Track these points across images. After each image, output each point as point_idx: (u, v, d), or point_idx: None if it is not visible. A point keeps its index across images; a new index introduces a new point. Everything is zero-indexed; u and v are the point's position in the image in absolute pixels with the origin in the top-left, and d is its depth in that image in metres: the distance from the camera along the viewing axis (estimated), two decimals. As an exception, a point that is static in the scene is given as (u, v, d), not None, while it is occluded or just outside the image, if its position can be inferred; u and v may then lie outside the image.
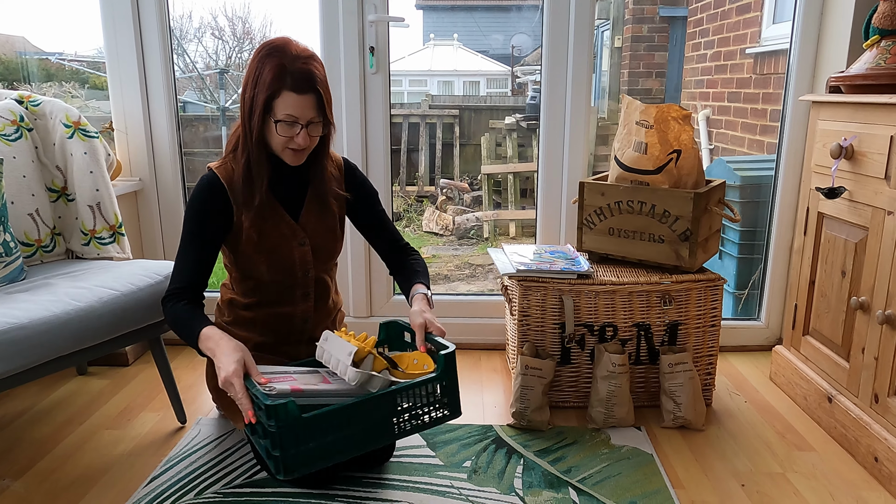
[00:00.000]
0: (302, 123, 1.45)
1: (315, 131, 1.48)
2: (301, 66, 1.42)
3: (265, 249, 1.56)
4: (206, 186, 1.53)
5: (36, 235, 1.84)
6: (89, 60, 4.82)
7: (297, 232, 1.59)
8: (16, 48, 4.38)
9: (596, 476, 1.58)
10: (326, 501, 1.48)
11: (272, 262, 1.57)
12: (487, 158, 6.05)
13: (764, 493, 1.52)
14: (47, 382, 2.08)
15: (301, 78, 1.41)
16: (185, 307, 1.47)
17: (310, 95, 1.43)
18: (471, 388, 2.06)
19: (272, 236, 1.56)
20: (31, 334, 1.39)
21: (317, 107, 1.45)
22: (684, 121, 1.84)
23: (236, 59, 7.31)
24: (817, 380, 1.84)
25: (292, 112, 1.43)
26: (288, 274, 1.60)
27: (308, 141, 1.47)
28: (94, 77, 4.81)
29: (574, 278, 1.83)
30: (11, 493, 1.52)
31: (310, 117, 1.45)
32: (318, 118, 1.46)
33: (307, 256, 1.61)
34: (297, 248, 1.59)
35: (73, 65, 4.66)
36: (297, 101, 1.42)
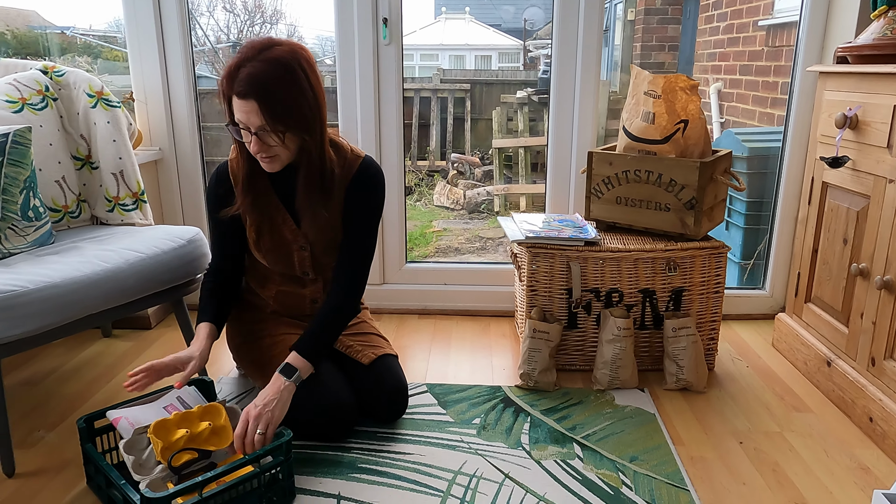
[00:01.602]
0: (252, 130, 1.37)
1: (269, 140, 1.38)
2: (249, 69, 1.32)
3: (263, 249, 1.61)
4: (214, 176, 1.61)
5: (63, 202, 1.91)
6: (101, 34, 4.86)
7: (298, 237, 1.60)
8: (28, 22, 4.43)
9: (600, 433, 1.65)
10: (343, 453, 1.56)
11: (271, 261, 1.63)
12: (498, 132, 6.06)
13: (761, 449, 1.59)
14: (73, 344, 2.17)
15: (244, 81, 1.32)
16: (209, 288, 1.63)
17: (251, 101, 1.33)
18: (480, 351, 2.13)
19: (271, 238, 1.59)
20: (63, 293, 1.46)
21: (262, 114, 1.33)
22: (692, 91, 1.87)
23: (248, 33, 7.32)
24: (817, 345, 1.90)
25: (240, 118, 1.36)
26: (289, 273, 1.66)
27: (261, 148, 1.38)
28: (107, 51, 4.85)
29: (581, 245, 1.88)
30: (46, 443, 1.62)
31: (256, 124, 1.35)
32: (267, 126, 1.35)
33: (306, 261, 1.63)
34: (298, 251, 1.62)
35: (86, 38, 4.70)
36: (241, 107, 1.34)
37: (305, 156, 1.46)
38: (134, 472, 1.30)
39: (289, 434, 1.38)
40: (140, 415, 1.44)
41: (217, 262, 1.66)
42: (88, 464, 1.42)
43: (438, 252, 4.50)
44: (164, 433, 1.35)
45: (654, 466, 1.52)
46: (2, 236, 1.65)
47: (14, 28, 4.24)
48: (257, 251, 1.61)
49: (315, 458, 1.54)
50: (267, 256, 1.61)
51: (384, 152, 2.31)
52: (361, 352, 1.69)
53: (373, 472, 1.49)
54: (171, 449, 1.33)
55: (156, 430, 1.34)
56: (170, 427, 1.36)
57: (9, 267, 1.55)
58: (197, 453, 1.33)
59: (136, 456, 1.33)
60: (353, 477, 1.48)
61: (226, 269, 1.66)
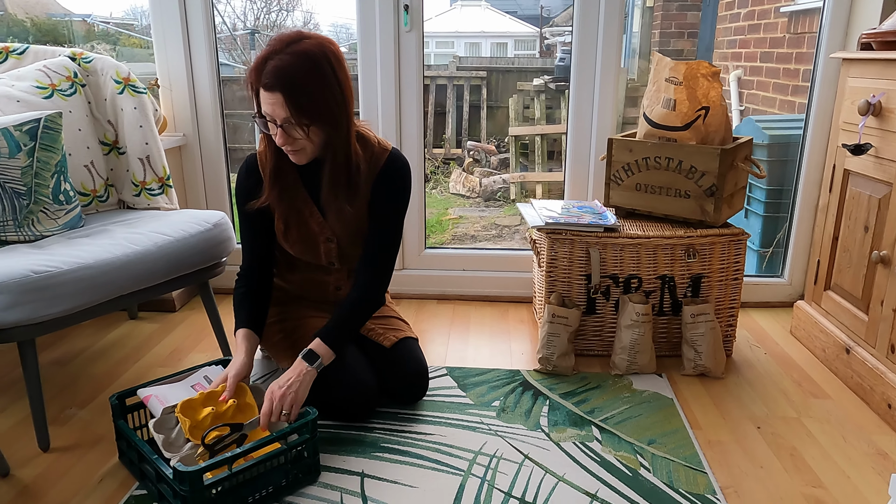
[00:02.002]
0: (277, 122, 1.38)
1: (294, 133, 1.39)
2: (275, 62, 1.33)
3: (291, 240, 1.63)
4: (243, 167, 1.61)
5: (91, 186, 1.95)
6: (119, 21, 4.90)
7: (325, 229, 1.61)
8: (47, 10, 4.48)
9: (618, 416, 1.68)
10: (365, 433, 1.60)
11: (298, 252, 1.65)
12: (515, 120, 6.05)
13: (778, 434, 1.60)
14: (101, 326, 2.22)
15: (270, 74, 1.33)
16: (240, 296, 1.61)
17: (277, 94, 1.34)
18: (498, 336, 2.15)
19: (298, 230, 1.61)
20: (95, 273, 1.51)
21: (287, 107, 1.34)
22: (713, 78, 1.87)
23: (264, 20, 7.34)
24: (836, 332, 1.90)
25: (266, 110, 1.37)
26: (316, 264, 1.68)
27: (286, 141, 1.40)
28: (125, 38, 4.90)
29: (601, 231, 1.89)
30: (79, 419, 1.67)
31: (282, 117, 1.36)
32: (292, 119, 1.36)
33: (333, 252, 1.65)
34: (324, 243, 1.64)
35: (104, 26, 4.74)
36: (266, 99, 1.36)
37: (331, 150, 1.47)
38: (164, 450, 1.35)
39: (314, 413, 1.41)
40: (169, 393, 1.48)
41: (248, 263, 1.63)
42: (120, 439, 1.46)
43: (455, 239, 4.53)
44: (191, 412, 1.39)
45: (671, 449, 1.54)
46: (34, 219, 1.69)
47: (34, 16, 4.29)
48: (284, 242, 1.63)
49: (339, 438, 1.58)
50: (294, 247, 1.63)
51: (404, 139, 2.33)
52: (383, 335, 1.72)
53: (395, 452, 1.53)
54: (199, 427, 1.37)
55: (183, 410, 1.38)
56: (196, 406, 1.40)
57: (42, 249, 1.59)
58: (228, 428, 1.37)
59: (165, 434, 1.37)
60: (375, 456, 1.51)
61: (257, 271, 1.63)
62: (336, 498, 1.37)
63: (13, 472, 1.46)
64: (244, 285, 1.63)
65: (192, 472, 1.22)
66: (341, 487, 1.41)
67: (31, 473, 1.45)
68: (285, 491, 1.38)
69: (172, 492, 1.28)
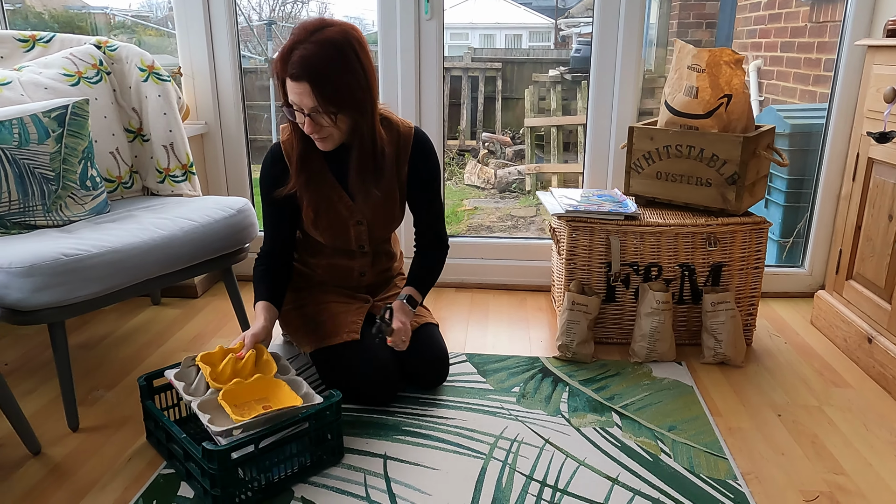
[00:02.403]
0: (304, 111, 1.40)
1: (321, 120, 1.41)
2: (300, 52, 1.34)
3: (321, 227, 1.64)
4: (269, 156, 1.61)
5: (117, 172, 1.98)
6: (135, 14, 4.94)
7: (355, 213, 1.63)
8: (65, 3, 4.52)
9: (638, 403, 1.68)
10: (387, 417, 1.62)
11: (328, 238, 1.66)
12: (531, 111, 6.03)
13: (799, 422, 1.60)
14: (125, 311, 2.26)
15: (296, 64, 1.34)
16: (260, 272, 1.64)
17: (303, 84, 1.35)
18: (517, 324, 2.16)
19: (328, 216, 1.62)
20: (123, 257, 1.53)
21: (314, 96, 1.36)
22: (736, 65, 1.86)
23: (279, 12, 7.36)
24: (858, 322, 1.89)
25: (293, 99, 1.39)
26: (345, 248, 1.70)
27: (314, 129, 1.42)
28: (141, 30, 4.94)
29: (621, 219, 1.89)
30: (106, 401, 1.70)
31: (309, 106, 1.38)
32: (319, 108, 1.38)
33: (363, 235, 1.67)
34: (354, 226, 1.65)
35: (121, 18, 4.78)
36: (293, 89, 1.37)
37: (358, 136, 1.48)
38: (185, 395, 1.38)
39: (338, 395, 1.43)
40: None
41: (269, 245, 1.66)
42: (148, 419, 1.49)
43: (470, 230, 4.53)
44: (211, 361, 1.45)
45: (692, 436, 1.54)
46: (62, 204, 1.72)
47: (51, 8, 4.34)
48: (314, 229, 1.64)
49: (361, 421, 1.60)
50: (324, 234, 1.64)
51: (424, 128, 2.34)
52: (404, 320, 1.73)
53: (417, 435, 1.54)
54: (219, 379, 1.41)
55: (203, 359, 1.44)
56: (215, 358, 1.46)
57: (71, 233, 1.62)
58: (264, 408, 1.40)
59: (185, 382, 1.42)
60: (397, 439, 1.53)
61: (278, 253, 1.66)
62: (360, 479, 1.40)
63: (44, 451, 1.49)
64: (264, 264, 1.66)
65: (220, 451, 1.24)
66: (364, 469, 1.43)
67: (62, 452, 1.49)
68: (310, 471, 1.40)
69: (200, 470, 1.30)
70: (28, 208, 1.66)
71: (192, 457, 1.31)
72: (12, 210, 1.64)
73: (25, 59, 2.00)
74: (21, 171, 1.64)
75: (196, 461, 1.30)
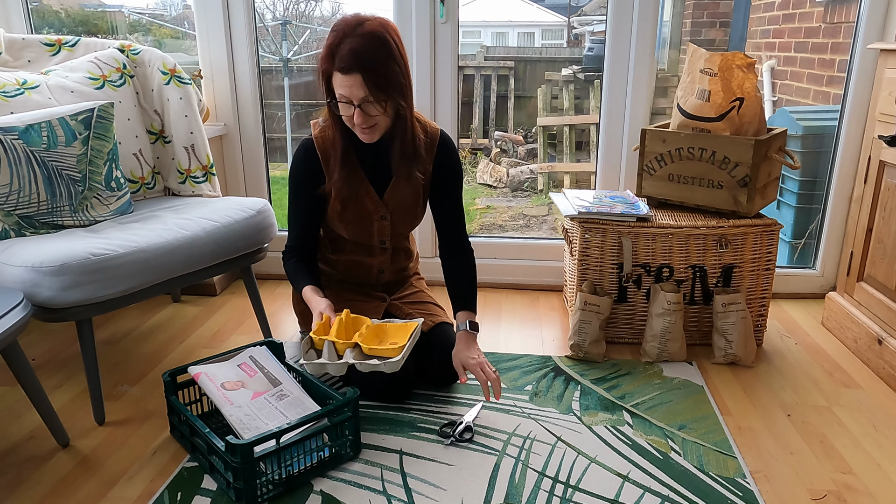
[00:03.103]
0: (355, 103, 1.45)
1: (371, 110, 1.46)
2: (348, 45, 1.40)
3: (347, 220, 1.68)
4: (301, 151, 1.65)
5: (140, 173, 2.03)
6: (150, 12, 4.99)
7: (380, 207, 1.67)
8: (80, 1, 4.57)
9: (648, 402, 1.71)
10: (403, 413, 1.66)
11: (352, 232, 1.71)
12: (543, 111, 6.05)
13: (808, 422, 1.63)
14: (146, 308, 2.31)
15: (346, 57, 1.40)
16: (294, 264, 1.70)
17: (356, 75, 1.41)
18: (529, 323, 2.20)
19: (354, 209, 1.66)
20: (149, 257, 1.58)
21: (366, 86, 1.41)
22: (748, 69, 1.88)
23: (294, 9, 7.40)
24: (868, 323, 1.91)
25: (342, 92, 1.44)
26: (367, 243, 1.74)
27: (364, 120, 1.46)
28: (156, 29, 5.00)
29: (633, 221, 1.92)
30: (130, 396, 1.75)
31: (360, 97, 1.43)
32: (370, 97, 1.44)
33: (386, 230, 1.72)
34: (378, 221, 1.70)
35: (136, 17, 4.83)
36: (344, 82, 1.42)
37: (401, 122, 1.55)
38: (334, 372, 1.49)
39: (355, 392, 1.47)
40: (217, 371, 1.56)
41: (296, 240, 1.70)
42: (172, 414, 1.54)
43: (483, 229, 4.57)
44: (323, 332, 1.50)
45: (702, 434, 1.57)
46: (88, 205, 1.77)
47: (68, 7, 4.40)
48: (340, 222, 1.68)
49: (377, 417, 1.64)
50: (349, 227, 1.69)
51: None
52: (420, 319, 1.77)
53: (431, 431, 1.58)
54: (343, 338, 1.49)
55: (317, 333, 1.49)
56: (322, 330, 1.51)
57: (98, 233, 1.67)
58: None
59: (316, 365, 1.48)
60: (413, 435, 1.57)
61: (305, 246, 1.71)
62: (377, 473, 1.44)
63: (72, 443, 1.54)
64: (294, 256, 1.72)
65: (243, 445, 1.29)
66: (381, 464, 1.47)
67: (90, 445, 1.54)
68: (329, 465, 1.44)
69: (224, 464, 1.35)
70: (56, 209, 1.71)
71: (216, 450, 1.35)
72: (41, 210, 1.69)
73: (52, 62, 2.06)
74: (49, 173, 1.69)
75: (219, 455, 1.35)
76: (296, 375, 1.61)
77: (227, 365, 1.60)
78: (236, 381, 1.54)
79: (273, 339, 1.71)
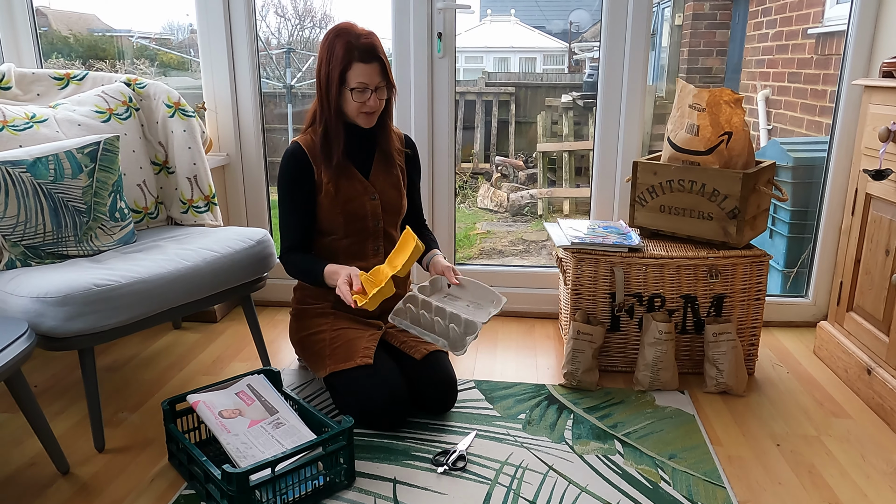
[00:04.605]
0: (371, 88, 1.71)
1: (382, 94, 1.74)
2: (364, 41, 1.69)
3: (341, 201, 1.80)
4: (290, 156, 1.80)
5: (143, 203, 2.08)
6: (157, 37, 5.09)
7: (368, 188, 1.83)
8: (89, 26, 4.67)
9: (640, 431, 1.74)
10: (397, 441, 1.68)
11: (347, 214, 1.81)
12: (543, 136, 6.12)
13: (797, 452, 1.65)
14: (148, 335, 2.35)
15: (366, 51, 1.68)
16: (300, 257, 1.83)
17: (375, 64, 1.69)
18: (524, 351, 2.22)
19: (347, 191, 1.80)
20: (151, 287, 1.62)
21: (381, 73, 1.71)
22: (736, 104, 1.93)
23: (297, 36, 7.53)
24: (858, 353, 1.93)
25: (363, 80, 1.70)
26: (361, 225, 1.83)
27: (378, 103, 1.74)
28: (162, 54, 5.10)
29: (625, 251, 1.96)
30: (129, 423, 1.78)
31: (377, 82, 1.71)
32: (382, 83, 1.73)
33: (377, 209, 1.84)
34: (369, 201, 1.83)
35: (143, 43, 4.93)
36: (365, 70, 1.69)
37: (388, 111, 1.82)
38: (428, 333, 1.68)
39: (350, 421, 1.50)
40: (215, 399, 1.59)
41: (292, 240, 1.83)
42: (171, 441, 1.57)
43: (482, 254, 4.61)
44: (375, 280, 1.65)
45: (692, 464, 1.59)
46: (92, 235, 1.82)
47: (76, 32, 4.49)
48: (335, 205, 1.80)
49: (372, 446, 1.67)
50: (345, 207, 1.80)
51: (436, 156, 2.43)
52: (414, 347, 1.81)
53: (425, 460, 1.61)
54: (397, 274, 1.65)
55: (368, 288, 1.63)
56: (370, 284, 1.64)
57: (101, 263, 1.72)
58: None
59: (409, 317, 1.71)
60: (406, 463, 1.59)
61: (303, 245, 1.84)
62: (370, 502, 1.46)
63: (72, 470, 1.57)
64: (296, 252, 1.84)
65: (239, 474, 1.32)
66: (374, 492, 1.49)
67: (89, 472, 1.57)
68: (323, 493, 1.47)
69: (220, 492, 1.37)
70: (61, 239, 1.76)
71: (212, 478, 1.38)
72: (46, 241, 1.74)
73: (60, 96, 2.12)
74: (55, 204, 1.74)
75: (216, 483, 1.38)
76: (292, 404, 1.64)
77: (225, 393, 1.63)
78: (234, 410, 1.57)
79: (271, 368, 1.75)
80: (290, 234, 1.84)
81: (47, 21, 4.19)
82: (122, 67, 4.37)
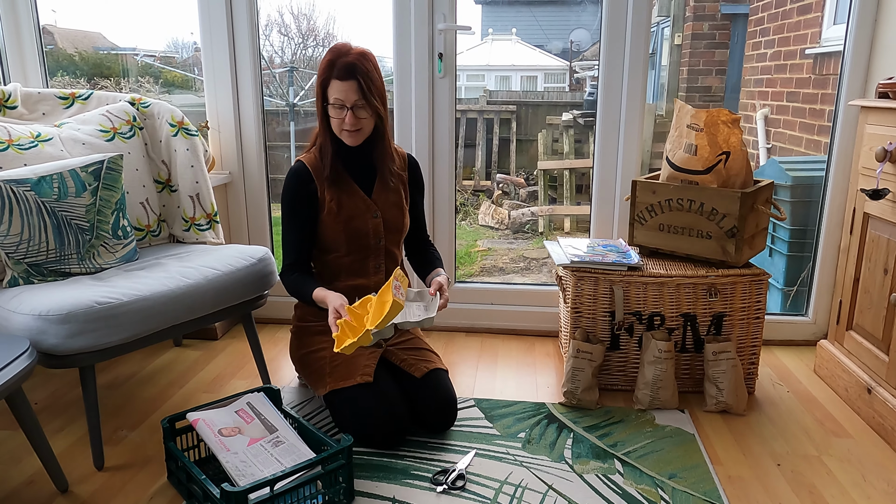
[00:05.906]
0: (348, 106, 1.72)
1: (361, 114, 1.74)
2: (345, 60, 1.71)
3: (343, 219, 1.82)
4: (294, 174, 1.84)
5: (146, 221, 2.10)
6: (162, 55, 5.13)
7: (371, 206, 1.85)
8: (94, 44, 4.72)
9: (640, 451, 1.73)
10: (396, 460, 1.68)
11: (350, 231, 1.82)
12: (544, 154, 6.16)
13: (798, 472, 1.64)
14: (149, 352, 2.35)
15: (344, 68, 1.70)
16: (297, 277, 1.85)
17: (351, 82, 1.70)
18: (524, 369, 2.23)
19: (349, 208, 1.83)
20: (152, 305, 1.63)
21: (358, 91, 1.71)
22: (733, 124, 1.95)
23: (300, 55, 7.61)
24: (858, 372, 1.93)
25: (338, 96, 1.72)
26: (363, 243, 1.84)
27: (354, 121, 1.74)
28: (166, 73, 5.14)
29: (625, 270, 1.97)
30: (129, 441, 1.78)
31: (353, 100, 1.72)
32: (361, 101, 1.72)
33: (379, 227, 1.86)
34: (371, 219, 1.85)
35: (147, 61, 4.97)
36: (341, 87, 1.71)
37: (381, 132, 1.82)
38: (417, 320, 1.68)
39: (349, 440, 1.50)
40: (215, 417, 1.59)
41: (293, 257, 1.86)
42: (170, 460, 1.57)
43: (483, 271, 4.61)
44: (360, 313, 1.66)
45: (692, 484, 1.59)
46: (95, 252, 1.84)
47: (82, 50, 4.53)
48: (337, 223, 1.82)
49: (371, 464, 1.66)
50: (347, 225, 1.82)
51: (436, 173, 2.45)
52: (415, 365, 1.81)
53: (424, 479, 1.60)
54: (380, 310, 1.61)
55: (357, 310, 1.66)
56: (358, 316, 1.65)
57: (104, 281, 1.73)
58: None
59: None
60: (405, 482, 1.59)
61: (302, 262, 1.87)
62: (369, 521, 1.46)
63: (71, 489, 1.57)
64: (295, 271, 1.86)
65: (237, 492, 1.32)
66: (374, 511, 1.49)
67: (89, 490, 1.57)
68: (322, 513, 1.47)
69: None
70: (64, 257, 1.77)
71: (211, 497, 1.38)
72: (49, 259, 1.75)
73: (65, 115, 2.15)
74: (59, 223, 1.76)
75: (214, 502, 1.37)
76: (292, 422, 1.65)
77: (225, 411, 1.63)
78: (233, 428, 1.57)
79: (271, 386, 1.75)
80: (290, 251, 1.86)
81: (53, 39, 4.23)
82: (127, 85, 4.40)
